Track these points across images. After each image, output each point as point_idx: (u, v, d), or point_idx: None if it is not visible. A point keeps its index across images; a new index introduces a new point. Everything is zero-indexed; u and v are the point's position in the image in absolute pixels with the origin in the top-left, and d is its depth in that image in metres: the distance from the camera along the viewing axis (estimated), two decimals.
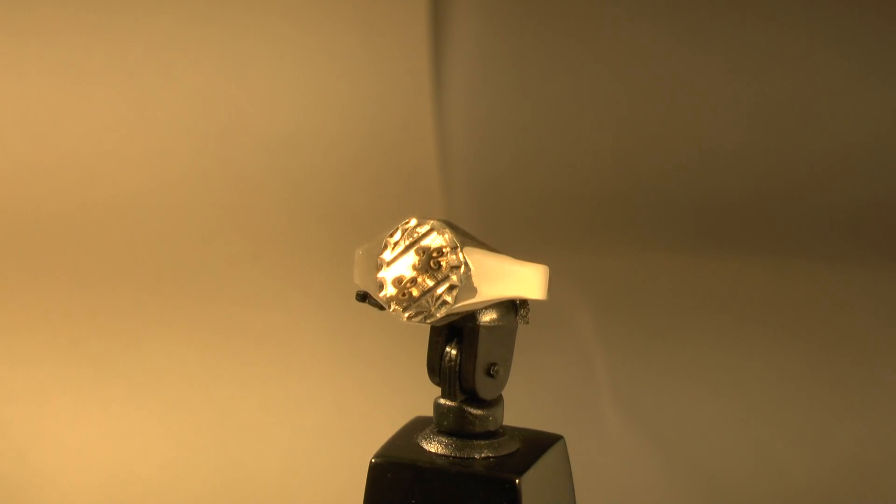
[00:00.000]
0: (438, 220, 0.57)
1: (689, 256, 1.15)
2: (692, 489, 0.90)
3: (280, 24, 1.21)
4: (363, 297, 0.59)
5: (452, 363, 0.58)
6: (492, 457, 0.59)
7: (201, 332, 1.04)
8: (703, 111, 1.23)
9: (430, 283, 0.57)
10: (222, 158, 1.18)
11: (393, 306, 0.57)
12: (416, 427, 0.63)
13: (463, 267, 0.56)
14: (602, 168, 1.22)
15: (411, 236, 0.57)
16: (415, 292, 0.57)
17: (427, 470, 0.59)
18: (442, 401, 0.60)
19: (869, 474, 0.91)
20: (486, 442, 0.60)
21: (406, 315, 0.57)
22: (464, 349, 0.58)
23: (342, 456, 0.91)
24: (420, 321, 0.57)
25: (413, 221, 0.57)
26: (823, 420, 0.96)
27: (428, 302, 0.57)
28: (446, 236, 0.57)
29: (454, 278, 0.56)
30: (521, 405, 0.61)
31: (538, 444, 0.61)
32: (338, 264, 1.12)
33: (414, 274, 0.57)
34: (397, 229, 0.57)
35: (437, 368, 0.59)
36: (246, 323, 1.06)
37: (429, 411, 0.62)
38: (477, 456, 0.59)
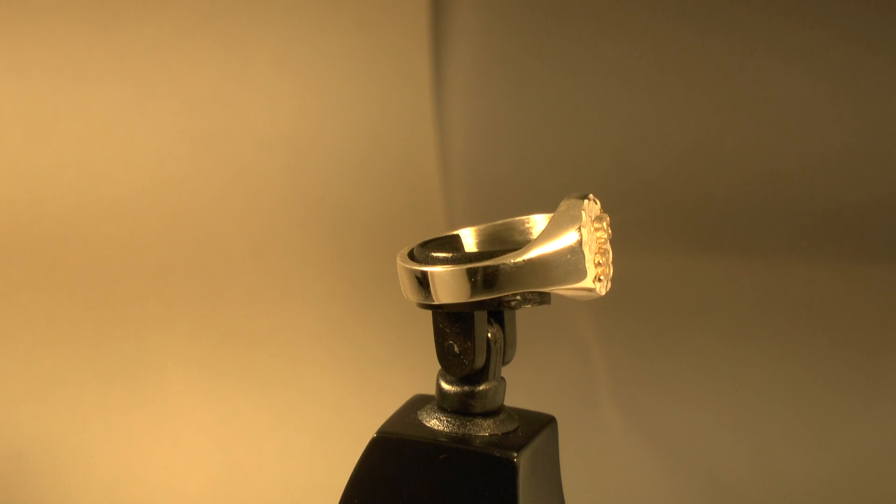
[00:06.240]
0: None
1: (689, 256, 1.15)
2: (692, 489, 0.90)
3: (280, 26, 1.21)
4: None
5: (499, 343, 0.58)
6: (499, 433, 0.59)
7: (201, 332, 1.05)
8: (702, 112, 1.23)
9: (611, 250, 0.56)
10: (222, 159, 1.18)
11: (602, 285, 0.56)
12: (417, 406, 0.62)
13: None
14: (602, 168, 1.22)
15: (590, 215, 0.55)
16: (608, 267, 0.56)
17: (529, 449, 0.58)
18: (486, 385, 0.59)
19: (869, 474, 0.91)
20: (497, 418, 0.60)
21: (607, 288, 0.56)
22: (507, 325, 0.59)
23: (342, 456, 0.91)
24: (608, 289, 0.56)
25: (585, 200, 0.55)
26: (823, 420, 0.96)
27: (611, 268, 0.56)
28: (598, 202, 0.56)
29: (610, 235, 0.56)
30: (521, 404, 0.61)
31: (528, 417, 0.61)
32: (338, 264, 1.13)
33: (601, 247, 0.56)
34: (581, 214, 0.54)
35: (484, 353, 0.58)
36: (246, 323, 1.06)
37: None
38: (509, 429, 0.59)
